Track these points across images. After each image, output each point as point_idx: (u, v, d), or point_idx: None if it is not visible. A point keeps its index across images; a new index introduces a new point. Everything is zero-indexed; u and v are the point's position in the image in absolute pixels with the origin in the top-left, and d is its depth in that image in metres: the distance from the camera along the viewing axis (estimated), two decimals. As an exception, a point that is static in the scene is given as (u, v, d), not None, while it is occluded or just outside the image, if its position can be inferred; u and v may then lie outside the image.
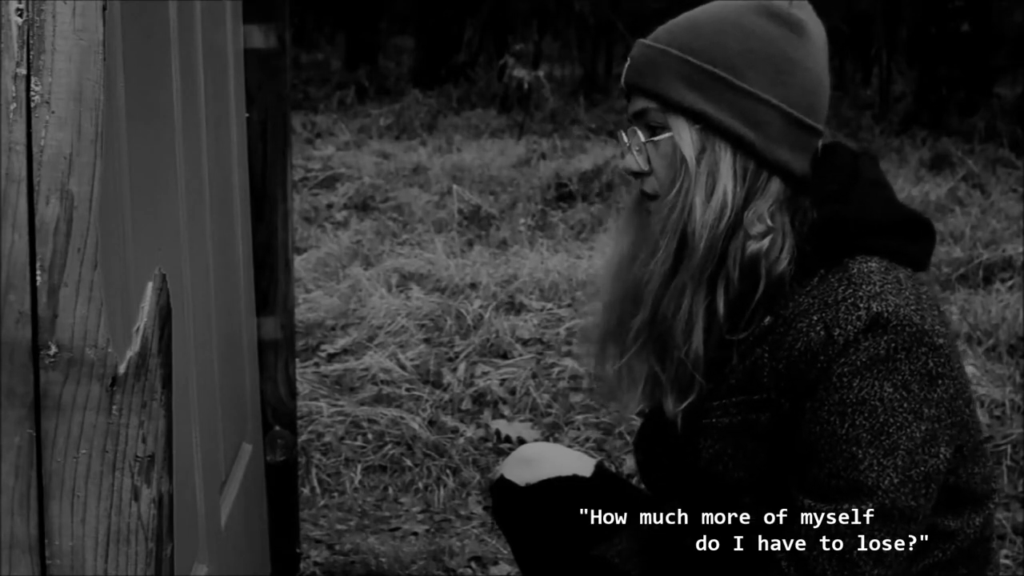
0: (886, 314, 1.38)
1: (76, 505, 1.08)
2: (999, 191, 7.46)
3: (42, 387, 1.06)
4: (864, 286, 1.41)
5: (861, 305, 1.39)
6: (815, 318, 1.41)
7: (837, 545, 1.39)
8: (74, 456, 1.07)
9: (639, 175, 1.55)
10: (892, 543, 1.39)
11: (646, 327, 1.53)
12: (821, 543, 1.40)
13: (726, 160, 1.46)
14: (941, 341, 1.41)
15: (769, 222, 1.46)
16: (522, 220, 6.59)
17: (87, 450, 1.07)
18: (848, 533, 1.39)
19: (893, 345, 1.38)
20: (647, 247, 1.52)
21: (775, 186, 1.48)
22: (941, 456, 1.41)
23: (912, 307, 1.40)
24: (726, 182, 1.46)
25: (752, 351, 1.48)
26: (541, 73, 11.13)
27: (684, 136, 1.47)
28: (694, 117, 1.47)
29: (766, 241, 1.46)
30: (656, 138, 1.51)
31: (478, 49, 14.69)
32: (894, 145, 9.37)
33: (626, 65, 1.55)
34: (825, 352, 1.39)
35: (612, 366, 1.60)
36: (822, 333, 1.40)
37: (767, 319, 1.47)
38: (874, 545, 1.39)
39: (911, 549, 1.42)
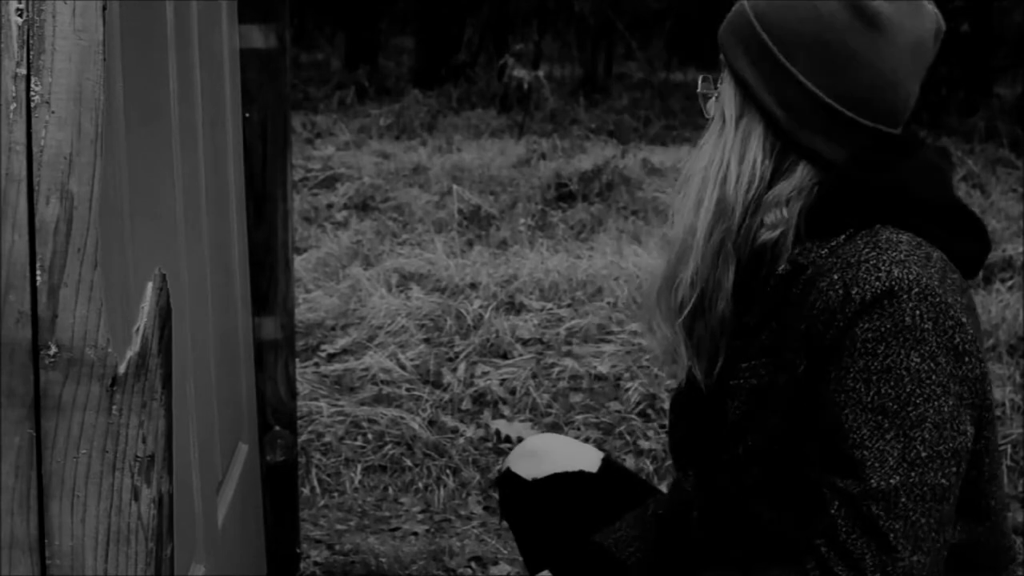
0: (907, 281, 1.35)
1: (76, 505, 1.08)
2: (999, 191, 7.46)
3: (42, 387, 1.06)
4: (890, 251, 1.38)
5: (882, 268, 1.36)
6: (835, 276, 1.39)
7: (873, 526, 1.35)
8: (74, 456, 1.07)
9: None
10: (927, 521, 1.35)
11: (697, 282, 1.52)
12: (857, 525, 1.35)
13: (757, 132, 1.48)
14: (965, 319, 1.37)
15: (784, 212, 1.46)
16: (522, 220, 6.59)
17: (87, 450, 1.07)
18: (883, 515, 1.34)
19: (919, 313, 1.35)
20: (690, 199, 1.52)
21: (801, 172, 1.47)
22: (968, 434, 1.37)
23: (935, 280, 1.37)
24: (756, 153, 1.47)
25: (779, 311, 1.46)
26: (541, 73, 11.13)
27: (728, 96, 1.50)
28: (739, 82, 1.49)
29: (776, 233, 1.46)
30: (713, 90, 1.55)
31: (478, 49, 14.68)
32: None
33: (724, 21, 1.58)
34: (842, 311, 1.37)
35: (664, 326, 1.58)
36: (840, 292, 1.37)
37: (783, 267, 1.46)
38: (910, 524, 1.34)
39: (946, 534, 1.38)
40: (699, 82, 1.59)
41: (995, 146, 9.20)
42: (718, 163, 1.49)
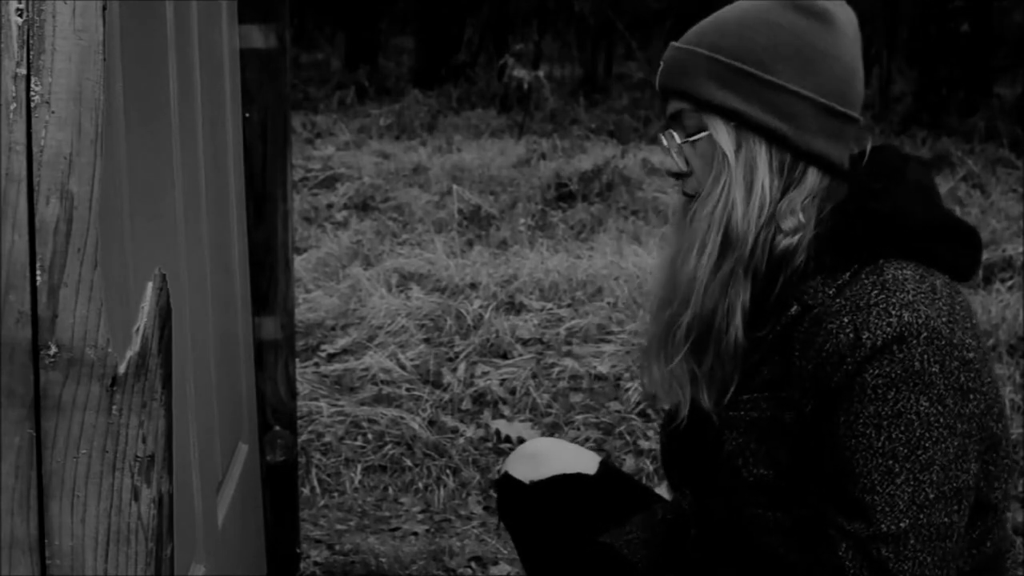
0: (916, 325, 1.37)
1: (76, 505, 1.08)
2: (999, 191, 7.46)
3: (42, 387, 1.06)
4: (898, 293, 1.40)
5: (893, 312, 1.38)
6: (845, 320, 1.40)
7: (882, 568, 1.38)
8: (74, 456, 1.07)
9: (680, 176, 1.55)
10: (933, 559, 1.38)
11: (696, 323, 1.52)
12: (866, 567, 1.38)
13: (762, 155, 1.47)
14: (971, 355, 1.40)
15: (801, 217, 1.47)
16: (522, 220, 6.59)
17: (87, 450, 1.07)
18: (892, 557, 1.37)
19: (927, 357, 1.37)
20: (693, 245, 1.51)
21: (812, 178, 1.48)
22: (971, 472, 1.40)
23: (943, 319, 1.39)
24: (763, 178, 1.46)
25: (784, 347, 1.47)
26: (541, 73, 11.13)
27: (720, 134, 1.48)
28: (727, 115, 1.48)
29: (796, 239, 1.47)
30: (693, 138, 1.51)
31: (478, 49, 14.68)
32: (894, 145, 9.36)
33: (660, 69, 1.55)
34: (852, 354, 1.38)
35: (662, 369, 1.58)
36: (851, 335, 1.39)
37: (794, 308, 1.47)
38: (918, 564, 1.37)
39: (950, 569, 1.40)
40: (664, 139, 1.55)
41: (995, 146, 9.20)
42: (722, 204, 1.47)
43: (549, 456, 1.91)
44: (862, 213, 1.47)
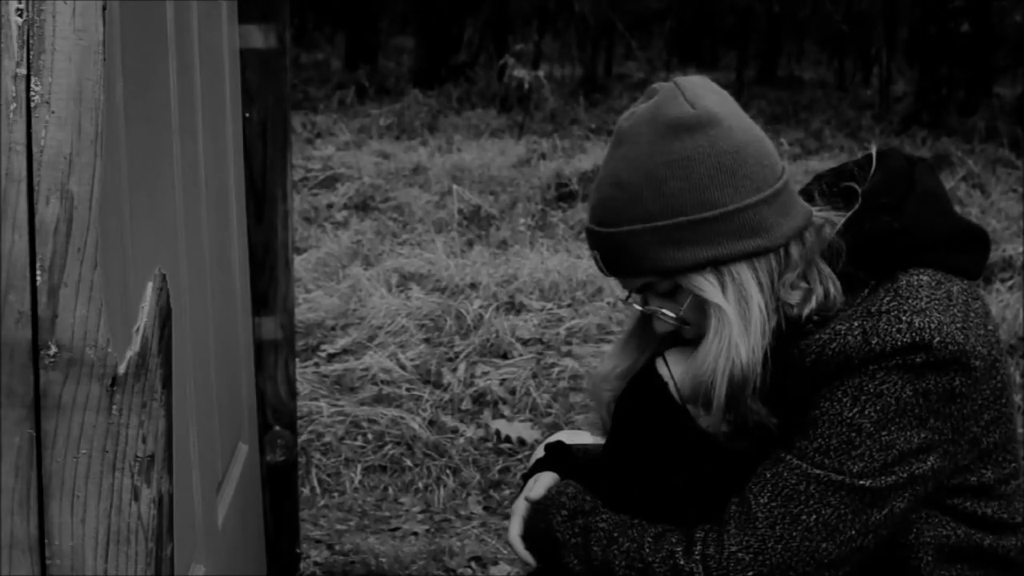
0: (928, 331, 1.38)
1: (76, 505, 1.08)
2: (999, 191, 7.46)
3: (42, 387, 1.06)
4: (909, 300, 1.40)
5: (903, 319, 1.38)
6: (855, 323, 1.41)
7: (795, 504, 1.39)
8: (74, 456, 1.07)
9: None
10: (852, 521, 1.39)
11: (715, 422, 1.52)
12: (779, 494, 1.40)
13: (748, 277, 1.44)
14: (977, 363, 1.40)
15: (804, 284, 1.46)
16: (522, 220, 6.59)
17: (87, 450, 1.07)
18: (814, 495, 1.39)
19: (930, 360, 1.38)
20: (699, 388, 1.48)
21: (795, 252, 1.46)
22: (929, 464, 1.40)
23: (957, 324, 1.39)
24: (756, 298, 1.44)
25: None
26: (541, 73, 11.13)
27: (705, 287, 1.44)
28: (700, 267, 1.44)
29: (810, 306, 1.45)
30: (679, 303, 1.49)
31: (478, 49, 14.69)
32: (894, 145, 9.37)
33: (596, 256, 1.51)
34: (859, 355, 1.39)
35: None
36: (859, 338, 1.39)
37: (810, 357, 1.46)
38: (833, 516, 1.39)
39: (868, 541, 1.41)
40: (637, 307, 1.55)
41: (995, 146, 9.21)
42: (724, 355, 1.43)
43: (578, 436, 1.88)
44: (875, 231, 1.46)
